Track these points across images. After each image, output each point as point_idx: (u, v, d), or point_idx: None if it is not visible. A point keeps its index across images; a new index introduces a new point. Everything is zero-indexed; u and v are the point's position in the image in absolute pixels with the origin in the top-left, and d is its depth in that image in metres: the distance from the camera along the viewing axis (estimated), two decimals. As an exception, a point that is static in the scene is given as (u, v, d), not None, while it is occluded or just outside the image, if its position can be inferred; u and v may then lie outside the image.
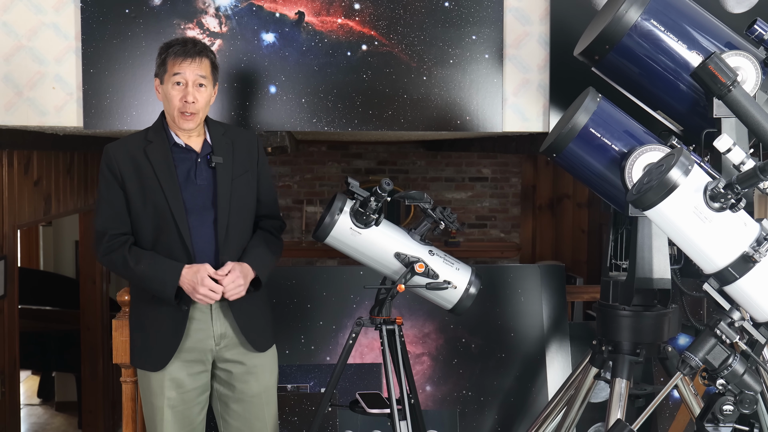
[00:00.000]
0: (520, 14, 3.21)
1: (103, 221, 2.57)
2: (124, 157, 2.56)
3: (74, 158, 5.24)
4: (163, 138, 2.58)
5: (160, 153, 2.56)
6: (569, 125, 2.53)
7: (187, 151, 2.59)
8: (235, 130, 2.74)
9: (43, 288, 6.97)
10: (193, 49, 2.52)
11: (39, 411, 6.88)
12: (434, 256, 2.60)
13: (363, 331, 2.67)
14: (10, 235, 4.35)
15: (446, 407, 3.48)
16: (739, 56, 2.44)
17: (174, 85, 2.52)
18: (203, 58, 2.54)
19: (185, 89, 2.52)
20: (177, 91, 2.52)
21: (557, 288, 3.62)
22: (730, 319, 1.96)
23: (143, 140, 2.59)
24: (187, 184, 2.56)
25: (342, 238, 2.53)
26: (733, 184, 1.88)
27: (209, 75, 2.57)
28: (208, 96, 2.58)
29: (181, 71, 2.51)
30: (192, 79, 2.52)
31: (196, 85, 2.53)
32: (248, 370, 2.65)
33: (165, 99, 2.56)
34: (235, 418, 2.68)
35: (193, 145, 2.60)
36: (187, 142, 2.59)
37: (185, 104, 2.52)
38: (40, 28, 3.09)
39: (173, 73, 2.52)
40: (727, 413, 1.97)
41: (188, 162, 2.58)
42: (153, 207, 2.54)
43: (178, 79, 2.52)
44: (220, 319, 2.61)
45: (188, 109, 2.52)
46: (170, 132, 2.59)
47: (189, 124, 2.55)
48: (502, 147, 5.15)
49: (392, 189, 2.46)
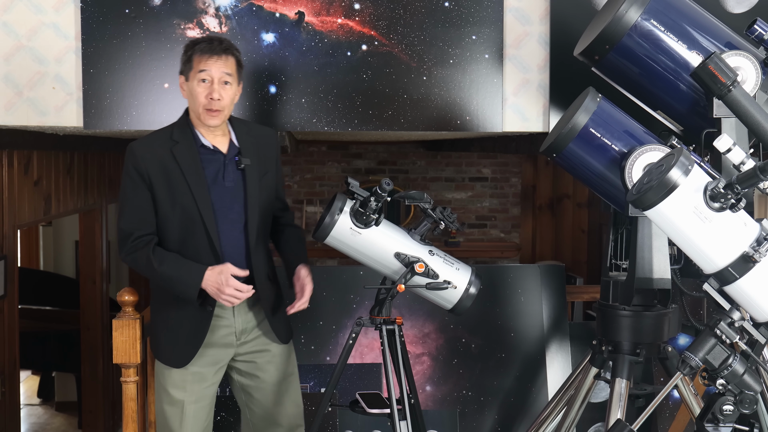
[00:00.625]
0: (520, 14, 3.21)
1: (129, 222, 2.57)
2: (151, 157, 2.56)
3: (74, 158, 5.24)
4: (190, 139, 2.59)
5: (188, 154, 2.57)
6: (569, 125, 2.53)
7: (214, 153, 2.60)
8: (257, 128, 2.77)
9: (43, 288, 6.96)
10: (219, 47, 2.55)
11: (39, 411, 6.88)
12: (434, 256, 2.60)
13: (363, 331, 2.67)
14: (10, 235, 4.35)
15: (446, 407, 3.48)
16: (739, 56, 2.44)
17: (200, 82, 2.54)
18: (229, 55, 2.57)
19: (211, 86, 2.54)
20: (203, 88, 2.54)
21: (557, 288, 3.62)
22: (730, 319, 1.96)
23: (169, 140, 2.59)
24: (215, 186, 2.58)
25: (342, 238, 2.53)
26: (733, 184, 1.88)
27: (234, 73, 2.59)
28: (233, 93, 2.60)
29: (207, 68, 2.53)
30: (218, 77, 2.54)
31: (221, 82, 2.55)
32: (269, 359, 2.72)
33: (190, 96, 2.58)
34: (258, 407, 2.75)
35: (219, 146, 2.61)
36: (213, 143, 2.61)
37: (211, 101, 2.53)
38: (40, 28, 3.09)
39: (199, 70, 2.54)
40: (727, 413, 1.97)
41: (216, 164, 2.60)
42: (181, 209, 2.55)
43: (204, 76, 2.54)
44: (242, 315, 2.67)
45: (213, 106, 2.54)
46: (196, 132, 2.61)
47: (214, 120, 2.56)
48: (502, 147, 5.16)
49: (392, 189, 2.46)
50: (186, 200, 2.54)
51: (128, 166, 2.57)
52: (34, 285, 6.81)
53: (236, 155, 2.62)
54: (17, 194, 4.37)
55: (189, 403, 2.63)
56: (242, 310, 2.66)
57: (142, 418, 3.12)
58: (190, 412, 2.64)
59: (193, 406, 2.64)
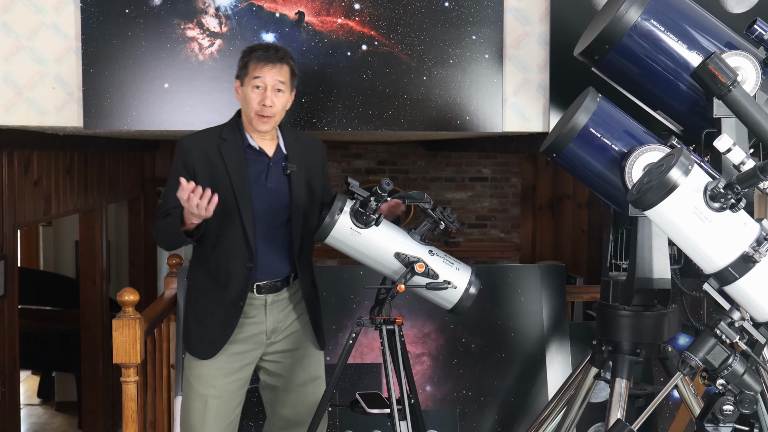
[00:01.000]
0: (520, 14, 3.21)
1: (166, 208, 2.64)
2: (198, 151, 2.65)
3: (74, 158, 5.24)
4: (238, 138, 2.67)
5: (234, 152, 2.65)
6: (569, 125, 2.53)
7: (260, 154, 2.68)
8: (306, 136, 2.83)
9: (43, 288, 6.97)
10: (275, 56, 2.62)
11: (39, 411, 6.88)
12: (434, 256, 2.60)
13: (363, 331, 2.67)
14: (10, 235, 4.35)
15: (446, 407, 3.48)
16: (739, 56, 2.44)
17: (254, 88, 2.61)
18: (284, 64, 2.63)
19: (264, 93, 2.61)
20: (256, 94, 2.61)
21: (557, 288, 3.62)
22: (730, 319, 1.96)
23: (218, 137, 2.67)
24: (256, 185, 2.65)
25: (342, 238, 2.53)
26: (733, 184, 1.88)
27: (288, 81, 2.65)
28: (285, 101, 2.66)
29: (262, 75, 2.60)
30: (271, 84, 2.61)
31: (274, 90, 2.62)
32: (298, 361, 2.77)
33: (243, 100, 2.65)
34: (284, 407, 2.80)
35: (266, 149, 2.69)
36: (260, 145, 2.68)
37: (263, 107, 2.60)
38: (40, 28, 3.09)
39: (254, 77, 2.61)
40: (727, 413, 1.97)
41: (260, 165, 2.67)
42: (221, 203, 2.60)
43: (258, 83, 2.61)
44: (274, 315, 2.72)
45: (265, 112, 2.61)
46: (245, 133, 2.68)
47: (265, 126, 2.64)
48: (502, 147, 5.16)
49: (392, 189, 2.46)
50: (227, 195, 2.61)
51: (176, 158, 2.66)
52: (35, 285, 6.81)
53: (283, 160, 2.70)
54: (17, 194, 4.37)
55: (212, 397, 2.68)
56: (275, 309, 2.72)
57: (142, 418, 3.12)
58: (213, 406, 2.68)
59: (216, 401, 2.68)
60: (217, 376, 2.68)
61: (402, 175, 7.50)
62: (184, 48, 3.11)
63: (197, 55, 3.12)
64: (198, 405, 2.69)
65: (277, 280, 2.71)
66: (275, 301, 2.72)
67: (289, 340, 2.76)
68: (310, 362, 2.80)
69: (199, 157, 2.64)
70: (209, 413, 2.68)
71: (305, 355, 2.79)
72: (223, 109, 3.12)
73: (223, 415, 2.71)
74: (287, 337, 2.76)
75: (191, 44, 3.11)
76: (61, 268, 8.15)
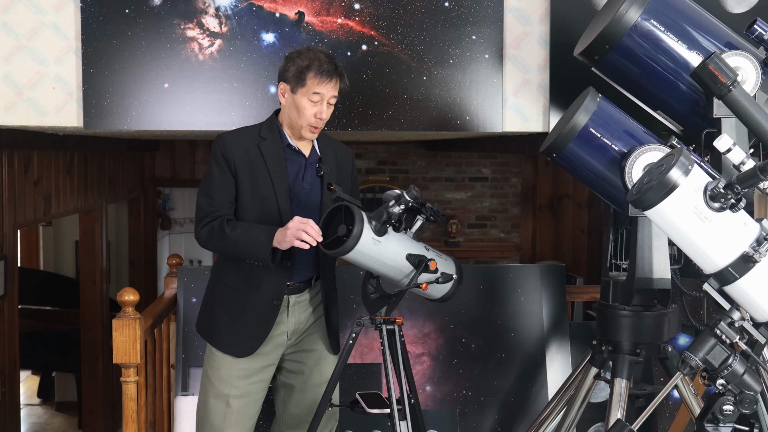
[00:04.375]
0: (520, 14, 3.21)
1: (212, 202, 2.63)
2: (238, 147, 2.65)
3: (74, 158, 5.24)
4: (277, 137, 2.69)
5: (274, 151, 2.66)
6: (569, 125, 2.53)
7: (298, 154, 2.70)
8: (336, 143, 2.85)
9: (43, 288, 6.97)
10: (336, 72, 2.63)
11: (39, 411, 6.89)
12: (431, 251, 2.63)
13: (363, 331, 2.68)
14: (10, 235, 4.35)
15: (446, 407, 3.48)
16: (739, 56, 2.44)
17: (311, 100, 2.61)
18: (340, 78, 2.65)
19: (320, 106, 2.62)
20: (313, 106, 2.62)
21: (557, 288, 3.62)
22: (730, 319, 1.96)
23: (257, 136, 2.68)
24: (294, 184, 2.68)
25: (365, 249, 2.51)
26: (733, 184, 1.88)
27: (338, 93, 2.67)
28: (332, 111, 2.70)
29: (322, 91, 2.60)
30: (328, 98, 2.63)
31: (329, 103, 2.64)
32: (315, 361, 2.79)
33: (295, 108, 2.63)
34: (297, 406, 2.82)
35: (303, 149, 2.71)
36: (298, 146, 2.70)
37: (318, 120, 2.63)
38: (40, 28, 3.09)
39: (314, 91, 2.60)
40: (727, 413, 1.97)
41: (297, 164, 2.70)
42: (261, 200, 2.64)
43: (317, 98, 2.61)
44: (296, 316, 2.73)
45: (319, 125, 2.65)
46: (284, 132, 2.70)
47: (314, 135, 2.68)
48: (502, 147, 5.16)
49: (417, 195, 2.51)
50: (266, 192, 2.63)
51: (216, 152, 2.65)
52: (35, 285, 6.82)
53: (317, 162, 2.72)
54: (17, 194, 4.38)
55: (234, 397, 2.69)
56: (297, 310, 2.73)
57: (142, 418, 3.12)
58: (235, 406, 2.69)
59: (238, 401, 2.69)
60: (241, 376, 2.69)
61: (402, 175, 7.50)
62: (184, 48, 3.11)
63: (197, 55, 3.12)
64: (219, 405, 2.69)
65: (301, 282, 2.73)
66: (297, 302, 2.73)
67: (308, 340, 2.78)
68: (326, 364, 2.81)
69: (239, 153, 2.64)
70: (232, 413, 2.69)
71: (322, 357, 2.80)
72: (222, 109, 3.13)
73: (246, 416, 2.72)
74: (307, 337, 2.78)
75: (191, 44, 3.11)
76: (61, 268, 8.16)
